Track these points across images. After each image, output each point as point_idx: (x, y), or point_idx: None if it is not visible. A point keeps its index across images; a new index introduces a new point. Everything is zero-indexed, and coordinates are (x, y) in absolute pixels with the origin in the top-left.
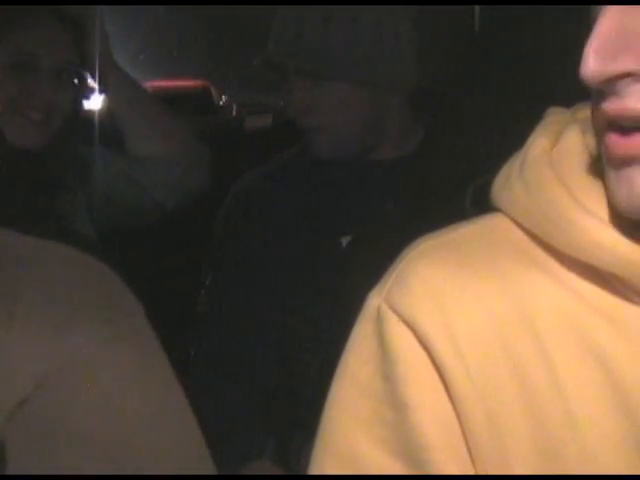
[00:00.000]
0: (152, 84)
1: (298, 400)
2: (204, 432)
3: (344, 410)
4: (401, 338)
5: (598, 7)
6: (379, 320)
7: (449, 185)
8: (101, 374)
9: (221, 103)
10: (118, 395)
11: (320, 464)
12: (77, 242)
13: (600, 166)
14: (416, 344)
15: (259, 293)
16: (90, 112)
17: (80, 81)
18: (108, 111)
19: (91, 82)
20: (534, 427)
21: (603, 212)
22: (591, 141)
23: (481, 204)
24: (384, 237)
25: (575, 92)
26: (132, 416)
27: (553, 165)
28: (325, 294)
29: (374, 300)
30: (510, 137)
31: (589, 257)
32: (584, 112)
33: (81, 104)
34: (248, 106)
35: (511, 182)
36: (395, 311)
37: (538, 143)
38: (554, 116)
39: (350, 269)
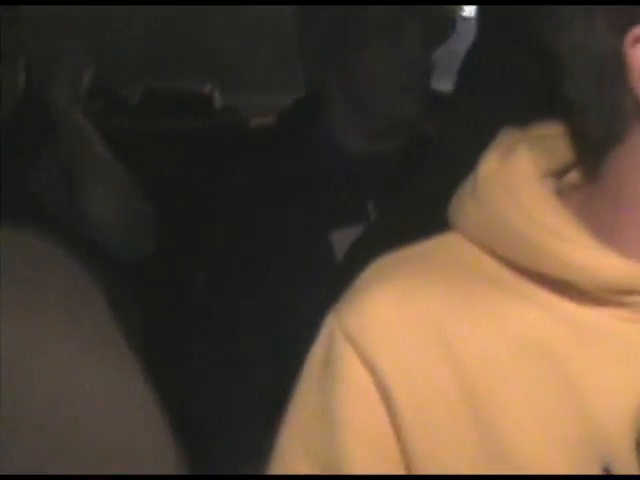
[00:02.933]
0: (153, 85)
1: None
2: (206, 433)
3: (287, 419)
4: (345, 357)
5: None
6: (330, 338)
7: (448, 186)
8: (55, 363)
9: (223, 104)
10: (73, 385)
11: (268, 466)
12: (50, 228)
13: (548, 181)
14: (359, 364)
15: (252, 292)
16: None
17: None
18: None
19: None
20: (481, 436)
21: (553, 222)
22: (539, 157)
23: None
24: (384, 237)
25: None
26: (86, 408)
27: (502, 182)
28: (318, 291)
29: (330, 317)
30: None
31: (540, 266)
32: (537, 130)
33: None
34: (250, 107)
35: (464, 202)
36: (344, 330)
37: (487, 163)
38: (505, 136)
39: (347, 270)
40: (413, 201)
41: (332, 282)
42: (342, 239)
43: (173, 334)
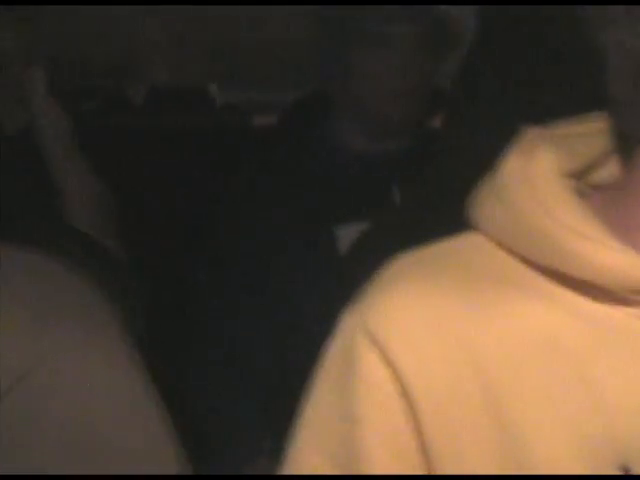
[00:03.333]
0: (157, 84)
1: (296, 399)
2: (208, 433)
3: (303, 418)
4: (365, 354)
5: None
6: (349, 337)
7: (452, 184)
8: (70, 380)
9: (224, 102)
10: (86, 400)
11: (282, 464)
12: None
13: (569, 183)
14: (379, 362)
15: (253, 291)
16: None
17: None
18: None
19: None
20: (501, 436)
21: (577, 223)
22: (560, 157)
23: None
24: (388, 234)
25: (574, 92)
26: (100, 421)
27: (525, 183)
28: (321, 289)
29: (347, 316)
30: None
31: (564, 266)
32: (560, 130)
33: None
34: (252, 105)
35: (486, 202)
36: (364, 329)
37: (510, 163)
38: (527, 136)
39: (350, 267)
40: (416, 198)
41: (335, 280)
42: (347, 235)
43: (173, 334)
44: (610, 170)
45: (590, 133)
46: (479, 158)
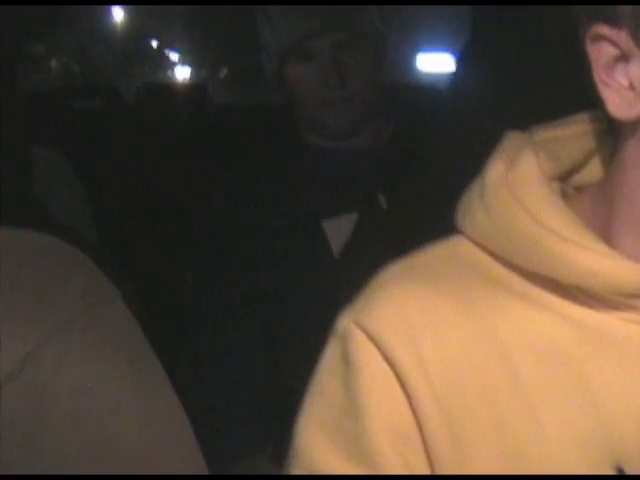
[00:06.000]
0: (151, 82)
1: (295, 398)
2: (202, 431)
3: (311, 419)
4: (365, 351)
5: None
6: (346, 337)
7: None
8: (79, 358)
9: (218, 100)
10: (97, 379)
11: (288, 466)
12: (55, 231)
13: (554, 185)
14: (379, 357)
15: (249, 289)
16: None
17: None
18: None
19: None
20: (498, 434)
21: (562, 227)
22: (544, 161)
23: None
24: (380, 233)
25: (573, 92)
26: (111, 401)
27: (510, 188)
28: (311, 285)
29: (343, 319)
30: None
31: (550, 271)
32: (541, 134)
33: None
34: (244, 104)
35: (472, 207)
36: (362, 328)
37: (494, 168)
38: (510, 141)
39: (343, 265)
40: (402, 203)
41: (327, 275)
42: (333, 228)
43: (168, 334)
44: (592, 172)
45: (571, 136)
46: (467, 162)
